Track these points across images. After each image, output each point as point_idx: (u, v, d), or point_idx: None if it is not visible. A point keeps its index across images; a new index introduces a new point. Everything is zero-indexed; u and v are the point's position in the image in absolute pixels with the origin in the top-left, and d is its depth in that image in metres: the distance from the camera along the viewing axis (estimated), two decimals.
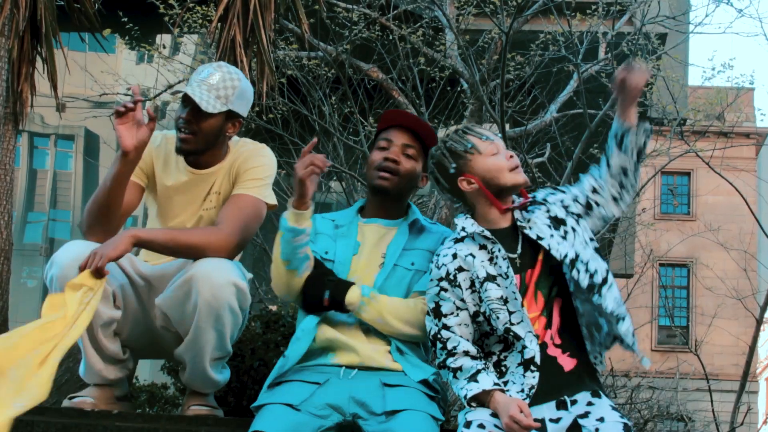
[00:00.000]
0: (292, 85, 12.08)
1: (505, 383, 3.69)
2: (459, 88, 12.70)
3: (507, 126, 10.95)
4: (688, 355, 15.72)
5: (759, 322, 11.56)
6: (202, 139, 4.22)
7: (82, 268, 3.76)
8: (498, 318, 3.69)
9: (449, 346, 3.75)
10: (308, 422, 3.61)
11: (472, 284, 3.75)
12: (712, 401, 11.48)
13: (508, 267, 3.71)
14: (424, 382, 3.80)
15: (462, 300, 3.76)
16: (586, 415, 3.56)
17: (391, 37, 12.32)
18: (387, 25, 12.46)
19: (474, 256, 3.77)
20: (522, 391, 3.64)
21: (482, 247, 3.78)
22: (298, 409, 3.64)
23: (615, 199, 3.90)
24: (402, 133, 4.10)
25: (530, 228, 3.78)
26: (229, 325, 4.04)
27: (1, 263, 5.90)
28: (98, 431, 3.89)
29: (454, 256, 3.79)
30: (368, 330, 3.89)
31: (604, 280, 3.73)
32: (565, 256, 3.71)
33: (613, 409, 3.60)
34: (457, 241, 3.83)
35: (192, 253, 3.99)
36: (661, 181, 29.05)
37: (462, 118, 12.60)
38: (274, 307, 6.14)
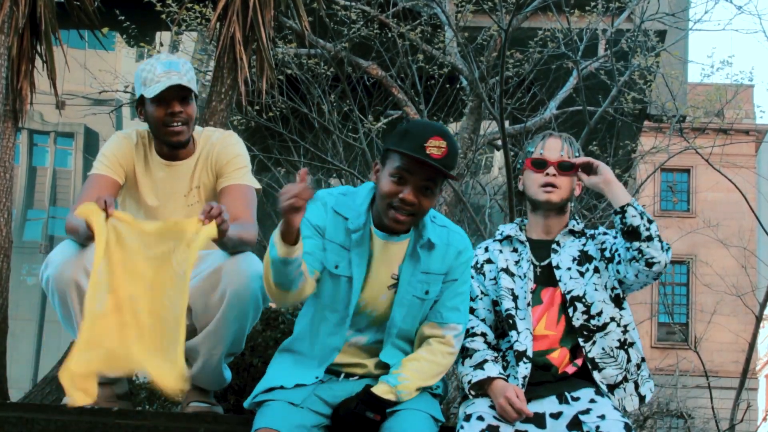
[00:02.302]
0: (292, 82, 12.08)
1: (507, 376, 3.77)
2: (458, 86, 12.71)
3: (506, 123, 10.95)
4: (688, 352, 15.72)
5: (758, 319, 11.56)
6: (192, 125, 4.31)
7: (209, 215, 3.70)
8: (502, 303, 3.83)
9: (467, 325, 3.86)
10: (309, 419, 3.61)
11: (495, 276, 3.91)
12: (711, 398, 11.48)
13: (528, 269, 3.87)
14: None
15: (485, 286, 3.94)
16: (587, 411, 3.59)
17: (390, 35, 12.33)
18: (386, 23, 12.47)
19: (502, 252, 3.96)
20: (516, 378, 3.72)
21: (515, 250, 3.96)
22: (300, 407, 3.63)
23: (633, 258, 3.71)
24: (424, 169, 3.56)
25: (558, 253, 3.90)
26: (250, 319, 4.09)
27: (0, 261, 5.90)
28: (98, 429, 3.89)
29: (486, 249, 4.02)
30: (371, 351, 3.81)
31: (604, 326, 3.79)
32: (569, 291, 3.82)
33: (615, 408, 3.62)
34: (495, 241, 4.03)
35: (243, 248, 4.05)
36: (661, 177, 29.04)
37: (461, 115, 12.62)
38: (274, 305, 6.15)
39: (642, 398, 3.80)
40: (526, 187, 3.97)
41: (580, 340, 3.77)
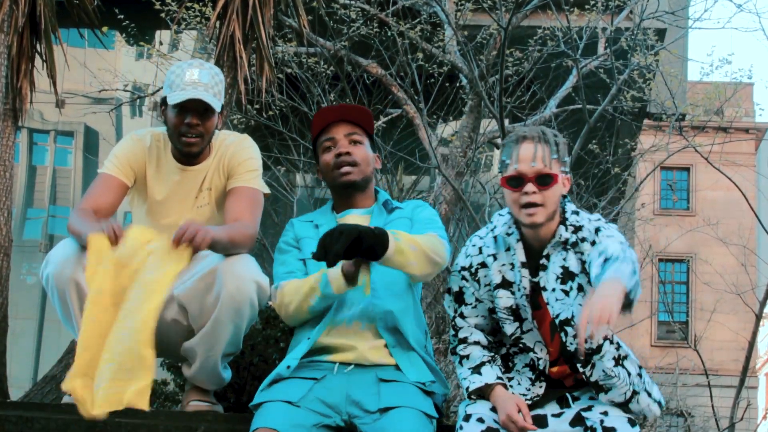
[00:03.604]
0: (291, 81, 12.09)
1: (510, 379, 3.71)
2: (458, 84, 12.71)
3: (506, 121, 10.95)
4: (688, 350, 15.72)
5: (758, 317, 11.55)
6: (208, 138, 4.32)
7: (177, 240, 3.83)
8: (504, 327, 3.71)
9: (461, 335, 3.80)
10: (308, 418, 3.62)
11: (490, 282, 3.74)
12: (711, 396, 11.47)
13: (522, 278, 3.66)
14: (421, 383, 3.79)
15: (480, 294, 3.77)
16: (589, 408, 3.58)
17: (389, 33, 12.33)
18: (385, 21, 12.47)
19: (496, 259, 3.73)
20: (525, 395, 3.66)
21: (508, 249, 3.72)
22: (298, 406, 3.64)
23: None
24: (339, 126, 4.12)
25: (546, 270, 3.65)
26: (246, 320, 4.08)
27: (0, 259, 5.89)
28: (98, 427, 3.89)
29: (480, 250, 3.77)
30: (365, 330, 3.88)
31: (598, 348, 3.58)
32: (557, 315, 3.64)
33: (615, 405, 3.62)
34: (489, 236, 3.79)
35: (237, 249, 4.05)
36: (660, 176, 29.05)
37: (461, 113, 12.62)
38: (273, 304, 6.15)
39: (659, 404, 3.68)
40: (508, 205, 3.67)
41: (579, 365, 3.62)
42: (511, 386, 3.67)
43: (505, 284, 3.70)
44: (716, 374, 17.84)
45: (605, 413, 3.52)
